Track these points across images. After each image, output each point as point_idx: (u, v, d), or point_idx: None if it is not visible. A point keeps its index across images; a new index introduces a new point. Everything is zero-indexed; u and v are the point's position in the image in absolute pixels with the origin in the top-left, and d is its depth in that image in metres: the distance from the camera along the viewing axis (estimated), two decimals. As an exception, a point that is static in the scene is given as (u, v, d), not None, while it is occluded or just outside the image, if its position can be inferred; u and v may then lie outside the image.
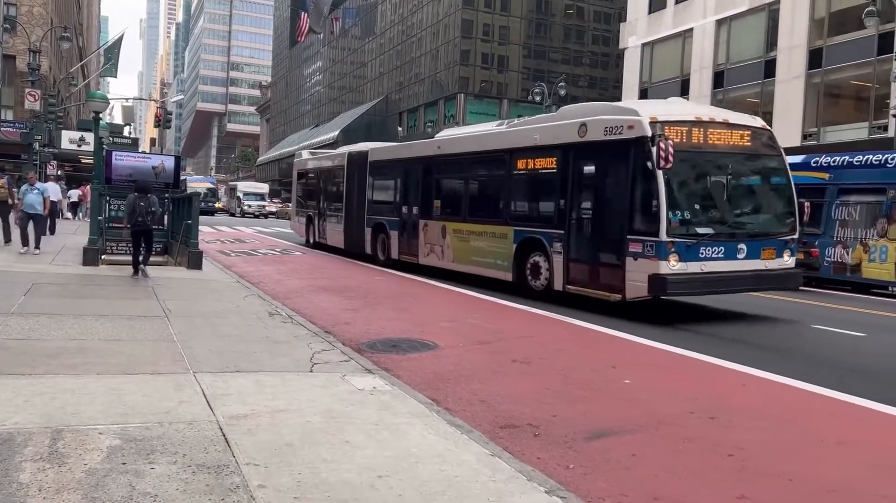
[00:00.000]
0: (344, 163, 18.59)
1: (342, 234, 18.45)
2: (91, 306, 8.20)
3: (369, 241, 16.84)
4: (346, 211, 18.15)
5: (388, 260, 16.05)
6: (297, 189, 23.22)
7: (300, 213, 22.52)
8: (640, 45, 35.89)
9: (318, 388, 5.23)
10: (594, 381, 6.16)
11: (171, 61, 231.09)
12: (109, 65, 56.35)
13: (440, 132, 16.78)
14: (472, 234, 13.16)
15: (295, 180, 23.47)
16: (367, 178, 17.06)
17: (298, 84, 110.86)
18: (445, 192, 14.64)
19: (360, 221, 17.28)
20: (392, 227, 15.98)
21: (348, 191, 18.09)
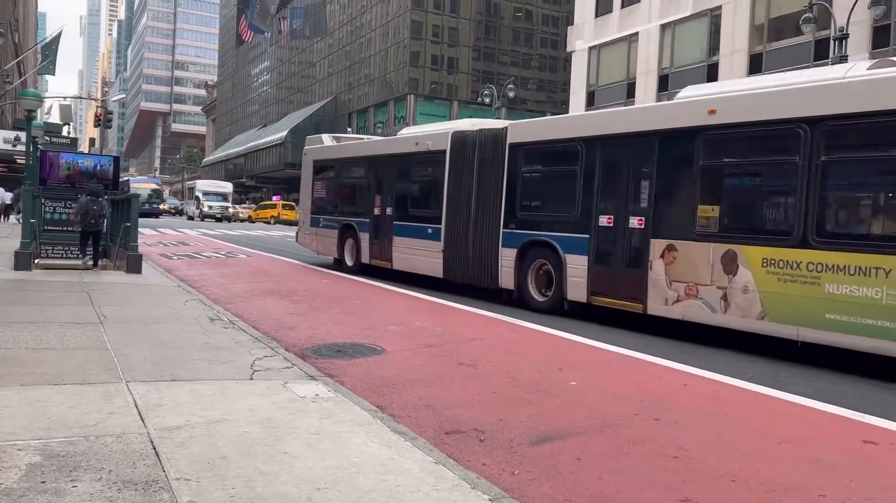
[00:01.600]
0: (445, 147, 12.35)
1: (438, 256, 12.33)
2: (20, 313, 7.82)
3: (513, 269, 10.75)
4: (450, 220, 12.16)
5: (555, 302, 10.13)
6: (313, 188, 16.92)
7: (324, 222, 16.21)
8: (587, 49, 36.33)
9: (258, 397, 5.06)
10: (541, 384, 6.13)
11: (114, 60, 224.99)
12: (47, 62, 54.36)
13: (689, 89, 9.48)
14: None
15: (310, 176, 17.03)
16: (504, 171, 10.98)
17: (245, 84, 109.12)
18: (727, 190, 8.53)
19: (487, 237, 11.31)
20: (573, 248, 9.78)
21: (454, 190, 12.11)
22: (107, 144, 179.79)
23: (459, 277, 12.04)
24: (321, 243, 16.54)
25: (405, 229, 13.46)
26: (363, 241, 14.67)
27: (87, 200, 12.79)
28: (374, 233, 14.32)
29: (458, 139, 12.21)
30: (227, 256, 18.92)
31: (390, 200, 14.00)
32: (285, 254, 19.86)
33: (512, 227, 10.96)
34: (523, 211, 10.91)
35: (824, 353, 7.30)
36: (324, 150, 16.90)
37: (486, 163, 11.52)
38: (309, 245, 17.21)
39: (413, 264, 13.19)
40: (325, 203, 16.64)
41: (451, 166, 12.26)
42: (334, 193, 16.55)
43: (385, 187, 14.25)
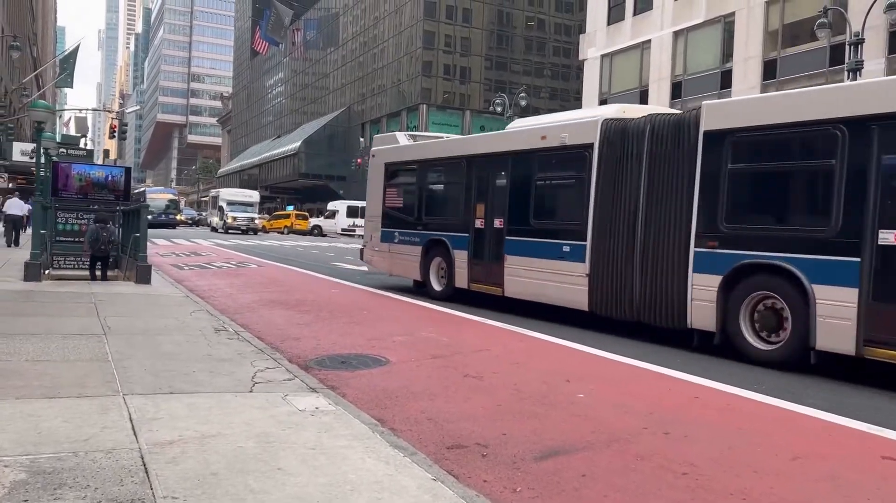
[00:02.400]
0: (592, 140, 9.62)
1: (580, 282, 9.68)
2: (24, 324, 7.78)
3: (715, 303, 8.00)
4: (601, 235, 9.49)
5: (791, 351, 7.45)
6: (384, 197, 14.25)
7: (401, 237, 13.61)
8: (599, 57, 36.21)
9: (256, 410, 4.96)
10: (547, 396, 5.99)
11: (131, 72, 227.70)
12: (65, 75, 55.08)
13: None
14: None
15: (381, 182, 14.36)
16: (696, 169, 8.31)
17: (260, 95, 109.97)
18: None
19: (667, 259, 8.58)
20: (828, 276, 7.11)
21: (607, 196, 9.43)
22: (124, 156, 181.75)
23: (617, 311, 9.24)
24: (396, 262, 13.80)
25: (525, 246, 10.79)
26: (459, 261, 12.08)
27: (97, 227, 12.81)
28: (476, 250, 11.79)
29: (613, 129, 9.48)
30: (238, 266, 18.91)
31: (501, 209, 11.33)
32: (296, 265, 19.84)
33: (712, 246, 8.11)
34: (733, 223, 7.99)
35: (841, 365, 7.10)
36: (400, 151, 14.17)
37: (662, 158, 8.75)
38: (379, 265, 14.49)
39: (538, 291, 10.52)
40: (403, 214, 13.80)
41: (603, 164, 9.52)
42: (416, 202, 13.52)
43: (492, 193, 11.56)
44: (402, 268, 13.68)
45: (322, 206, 58.38)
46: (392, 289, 13.67)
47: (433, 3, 62.66)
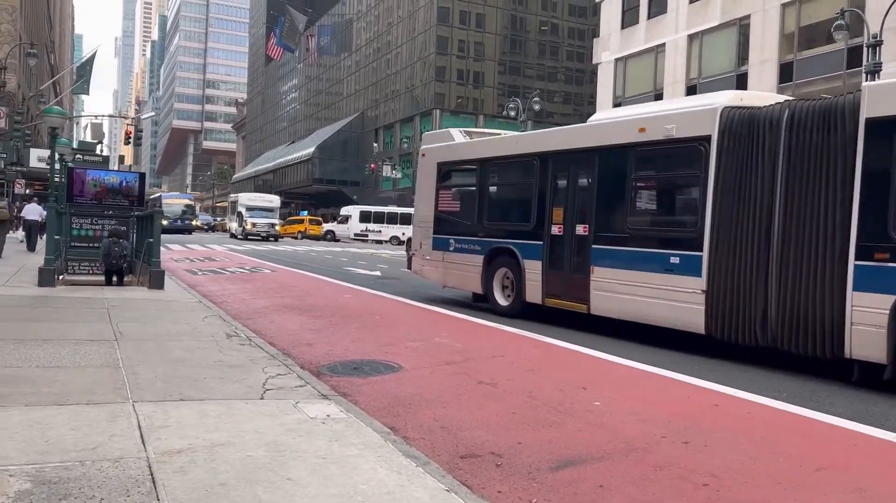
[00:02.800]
0: (710, 132, 8.33)
1: (694, 299, 8.33)
2: (37, 330, 7.76)
3: (886, 330, 6.62)
4: (721, 244, 8.15)
5: None
6: (437, 199, 12.96)
7: (458, 245, 12.25)
8: (613, 61, 36.06)
9: (267, 418, 4.88)
10: (562, 404, 5.87)
11: (147, 79, 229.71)
12: (81, 82, 55.67)
13: None
14: None
15: (433, 183, 13.07)
16: (858, 165, 6.99)
17: (274, 101, 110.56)
18: None
19: (815, 274, 7.25)
20: None
21: (729, 198, 8.13)
22: (140, 162, 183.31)
23: (745, 336, 7.83)
24: (451, 273, 12.45)
25: (618, 256, 9.31)
26: (530, 272, 10.64)
27: (109, 242, 12.95)
28: (553, 260, 10.35)
29: (737, 119, 8.10)
30: (252, 272, 18.91)
31: (585, 214, 9.90)
32: (309, 269, 19.83)
33: (881, 258, 6.68)
34: None
35: (863, 372, 6.93)
36: (455, 149, 12.87)
37: (806, 152, 7.37)
38: (430, 275, 13.13)
39: (636, 309, 9.07)
40: (459, 219, 12.47)
41: (724, 160, 8.13)
42: (475, 206, 12.07)
43: (574, 196, 10.16)
44: (459, 280, 12.38)
45: (335, 211, 58.48)
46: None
47: (446, 9, 62.73)
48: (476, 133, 13.62)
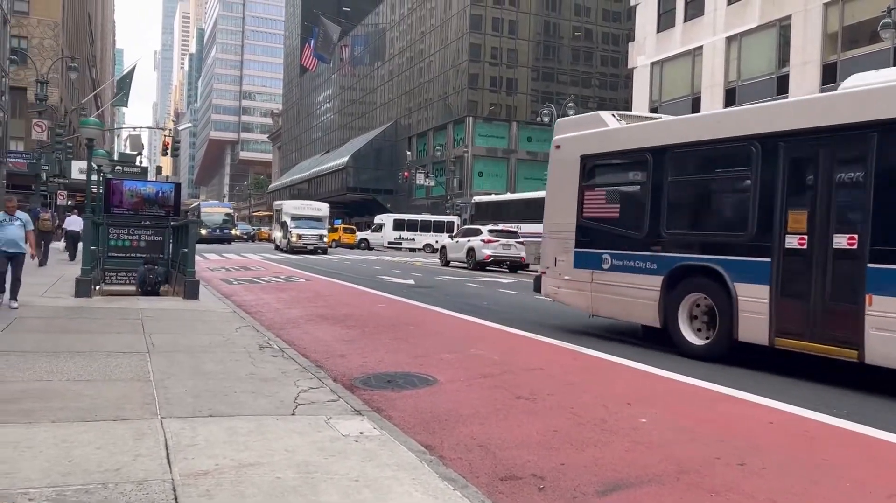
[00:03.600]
0: None
1: None
2: (70, 342, 7.71)
3: None
4: None
5: None
6: (581, 202, 10.21)
7: (617, 262, 9.55)
8: (648, 65, 35.50)
9: (298, 435, 4.68)
10: (607, 421, 5.58)
11: (185, 91, 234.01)
12: (121, 94, 56.80)
13: None
14: None
15: (574, 180, 10.31)
16: None
17: (309, 111, 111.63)
18: None
19: None
20: None
21: None
22: (179, 173, 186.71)
23: None
24: (607, 298, 9.62)
25: None
26: (748, 300, 7.87)
27: (146, 270, 13.57)
28: (789, 284, 7.57)
29: None
30: (287, 281, 18.87)
31: (851, 219, 7.22)
32: (343, 278, 19.73)
33: None
34: None
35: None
36: (611, 137, 9.98)
37: None
38: (570, 300, 10.34)
39: None
40: (619, 227, 9.59)
41: None
42: (648, 209, 9.26)
43: (827, 193, 7.40)
44: (620, 307, 9.54)
45: (369, 219, 58.63)
46: (440, 304, 13.32)
47: (479, 16, 62.64)
48: (631, 117, 10.63)
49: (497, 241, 26.63)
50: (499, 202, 37.67)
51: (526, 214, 32.99)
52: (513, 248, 26.76)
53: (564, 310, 13.06)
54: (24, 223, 10.71)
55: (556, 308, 13.58)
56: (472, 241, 27.31)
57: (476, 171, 62.22)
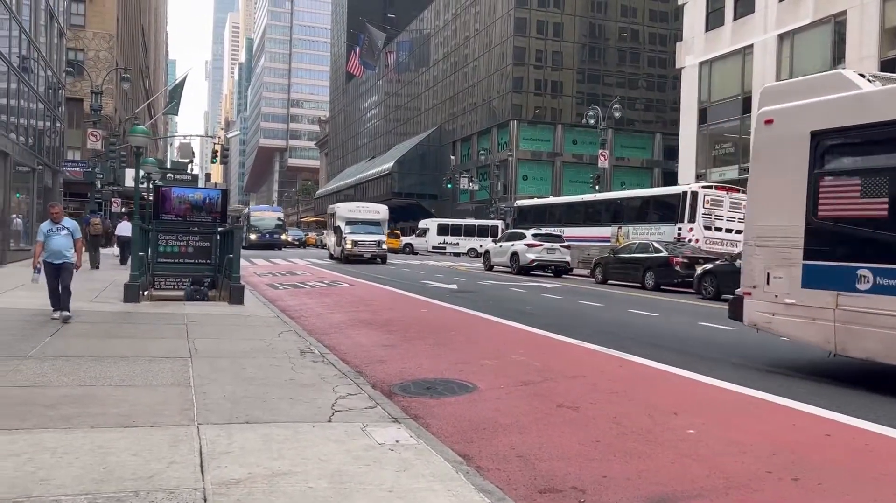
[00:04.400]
0: None
1: None
2: (115, 347, 7.82)
3: None
4: None
5: None
6: (815, 195, 7.48)
7: (887, 280, 6.67)
8: (697, 64, 34.79)
9: (333, 443, 4.61)
10: (652, 432, 5.37)
11: (235, 100, 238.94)
12: (173, 104, 58.29)
13: None
14: None
15: (801, 166, 7.61)
16: None
17: (355, 118, 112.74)
18: None
19: None
20: None
21: None
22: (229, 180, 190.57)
23: None
24: (867, 332, 6.89)
25: None
26: None
27: (192, 290, 14.02)
28: None
29: None
30: (331, 286, 18.98)
31: None
32: (387, 283, 19.74)
33: None
34: None
35: None
36: (857, 105, 7.28)
37: None
38: (800, 333, 7.69)
39: None
40: (883, 230, 6.85)
41: None
42: None
43: None
44: (890, 345, 6.68)
45: (414, 224, 58.79)
46: (482, 309, 13.16)
47: (523, 19, 62.36)
48: (888, 78, 7.98)
49: (541, 245, 26.32)
50: (541, 206, 37.34)
51: (569, 218, 32.64)
52: (557, 252, 26.41)
53: (606, 317, 12.82)
54: (72, 231, 10.08)
55: (601, 314, 13.35)
56: (515, 245, 27.06)
57: (521, 175, 61.89)
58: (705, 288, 17.74)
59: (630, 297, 17.41)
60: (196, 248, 15.27)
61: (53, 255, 9.80)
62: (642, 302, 16.13)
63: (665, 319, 12.90)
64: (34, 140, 26.12)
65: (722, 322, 12.28)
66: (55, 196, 30.03)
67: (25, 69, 24.05)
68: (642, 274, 21.07)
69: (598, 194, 34.77)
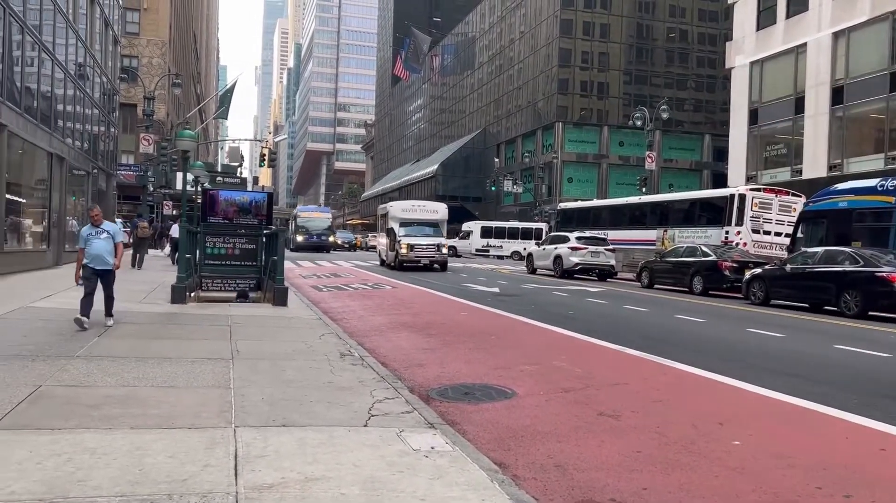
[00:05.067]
0: None
1: None
2: (159, 348, 7.95)
3: None
4: None
5: None
6: None
7: None
8: (748, 64, 33.97)
9: (368, 448, 4.58)
10: (696, 443, 5.20)
11: (283, 105, 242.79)
12: (222, 109, 59.49)
13: None
14: None
15: None
16: None
17: (400, 121, 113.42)
18: None
19: None
20: None
21: None
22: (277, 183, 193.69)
23: None
24: None
25: None
26: None
27: (241, 291, 14.24)
28: None
29: None
30: (374, 288, 19.06)
31: None
32: (429, 286, 19.73)
33: None
34: None
35: None
36: None
37: None
38: None
39: None
40: None
41: None
42: None
43: None
44: None
45: (457, 226, 58.80)
46: (524, 313, 13.05)
47: (569, 21, 61.85)
48: None
49: (585, 248, 25.99)
50: (585, 208, 36.89)
51: (614, 221, 32.17)
52: (602, 255, 26.04)
53: (651, 322, 12.58)
54: (113, 235, 9.58)
55: (646, 319, 13.10)
56: (559, 248, 26.78)
57: (566, 177, 61.37)
58: (754, 293, 17.28)
59: (677, 302, 17.05)
60: (242, 249, 15.47)
61: (94, 260, 9.44)
62: (689, 307, 15.77)
63: (712, 325, 12.59)
64: (89, 144, 26.92)
65: (772, 328, 11.94)
66: (109, 199, 30.91)
67: (81, 76, 24.80)
68: (690, 278, 20.63)
69: (643, 197, 34.23)
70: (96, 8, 27.15)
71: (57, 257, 21.28)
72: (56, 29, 20.88)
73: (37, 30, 18.82)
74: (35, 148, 19.44)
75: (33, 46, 18.91)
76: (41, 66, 19.73)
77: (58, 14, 21.02)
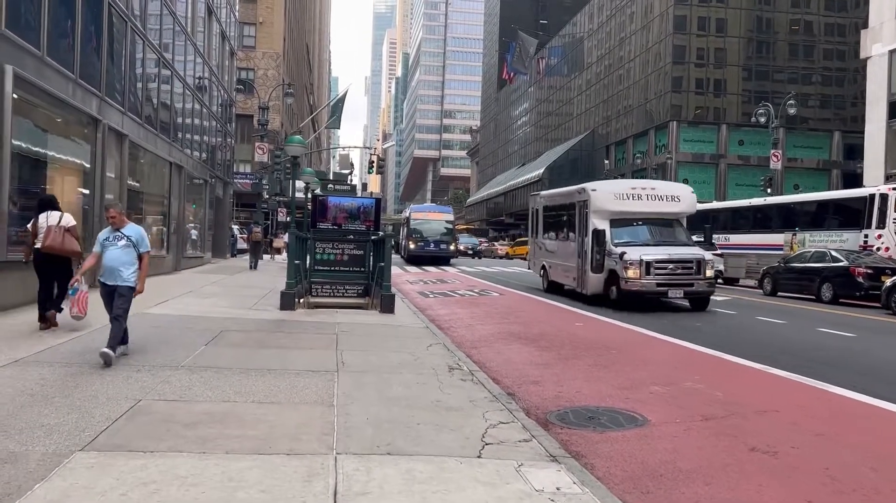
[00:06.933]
0: None
1: None
2: (263, 358, 7.67)
3: None
4: None
5: None
6: None
7: None
8: (886, 53, 31.13)
9: (482, 486, 3.98)
10: (881, 491, 4.27)
11: (392, 113, 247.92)
12: (334, 118, 60.98)
13: None
14: None
15: None
16: None
17: (506, 125, 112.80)
18: None
19: None
20: None
21: None
22: (385, 190, 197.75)
23: None
24: None
25: None
26: None
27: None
28: None
29: None
30: (480, 294, 18.50)
31: None
32: (538, 293, 18.97)
33: None
34: None
35: None
36: None
37: None
38: None
39: None
40: None
41: None
42: None
43: None
44: None
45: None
46: (645, 325, 12.09)
47: (683, 17, 59.22)
48: None
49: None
50: (702, 211, 34.80)
51: (734, 224, 30.16)
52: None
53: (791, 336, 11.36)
54: (135, 242, 7.27)
55: (783, 332, 11.88)
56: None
57: (680, 178, 58.69)
58: (895, 301, 15.46)
59: (812, 312, 15.47)
60: (350, 255, 15.31)
61: (107, 273, 7.18)
62: (830, 318, 14.22)
63: (865, 340, 11.16)
64: (207, 154, 27.92)
65: (938, 346, 10.45)
66: (226, 206, 31.99)
67: (200, 88, 25.72)
68: (818, 285, 18.85)
69: (767, 198, 31.96)
70: (214, 23, 28.16)
71: (176, 263, 22.05)
72: (175, 45, 21.67)
73: (158, 45, 19.54)
74: (156, 157, 20.18)
75: (157, 62, 19.65)
76: (161, 79, 20.49)
77: (177, 28, 21.82)
